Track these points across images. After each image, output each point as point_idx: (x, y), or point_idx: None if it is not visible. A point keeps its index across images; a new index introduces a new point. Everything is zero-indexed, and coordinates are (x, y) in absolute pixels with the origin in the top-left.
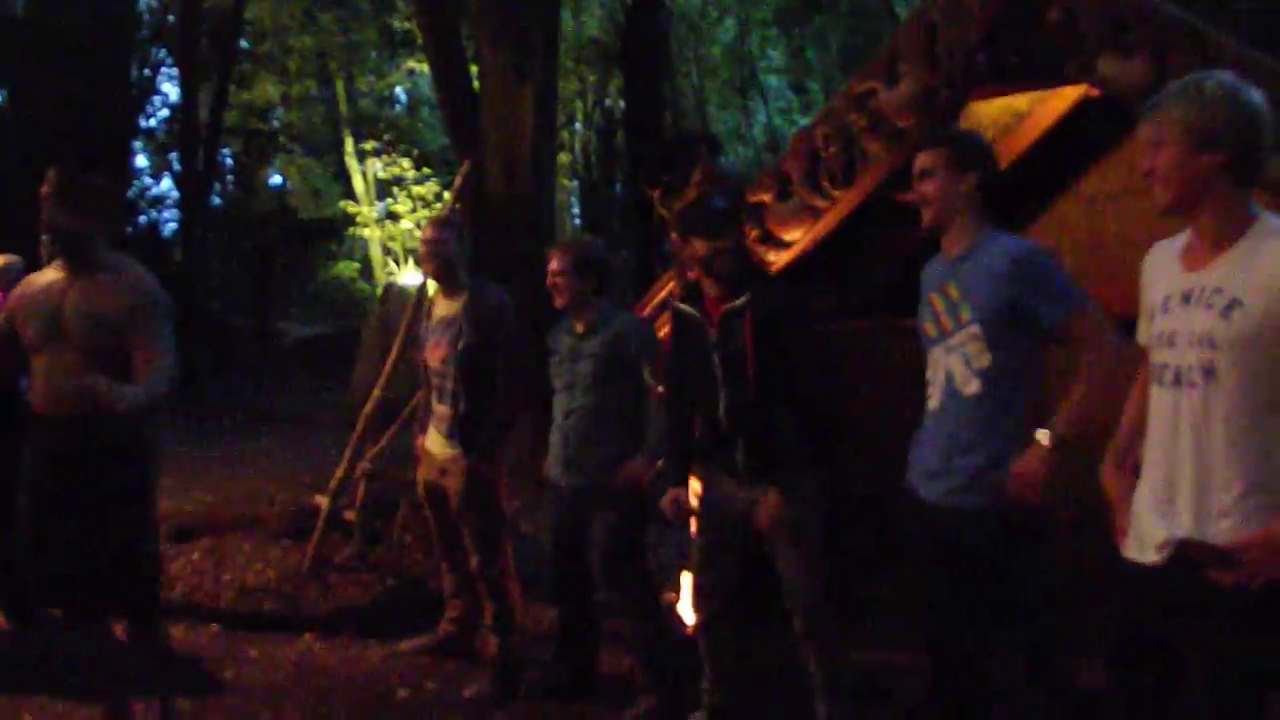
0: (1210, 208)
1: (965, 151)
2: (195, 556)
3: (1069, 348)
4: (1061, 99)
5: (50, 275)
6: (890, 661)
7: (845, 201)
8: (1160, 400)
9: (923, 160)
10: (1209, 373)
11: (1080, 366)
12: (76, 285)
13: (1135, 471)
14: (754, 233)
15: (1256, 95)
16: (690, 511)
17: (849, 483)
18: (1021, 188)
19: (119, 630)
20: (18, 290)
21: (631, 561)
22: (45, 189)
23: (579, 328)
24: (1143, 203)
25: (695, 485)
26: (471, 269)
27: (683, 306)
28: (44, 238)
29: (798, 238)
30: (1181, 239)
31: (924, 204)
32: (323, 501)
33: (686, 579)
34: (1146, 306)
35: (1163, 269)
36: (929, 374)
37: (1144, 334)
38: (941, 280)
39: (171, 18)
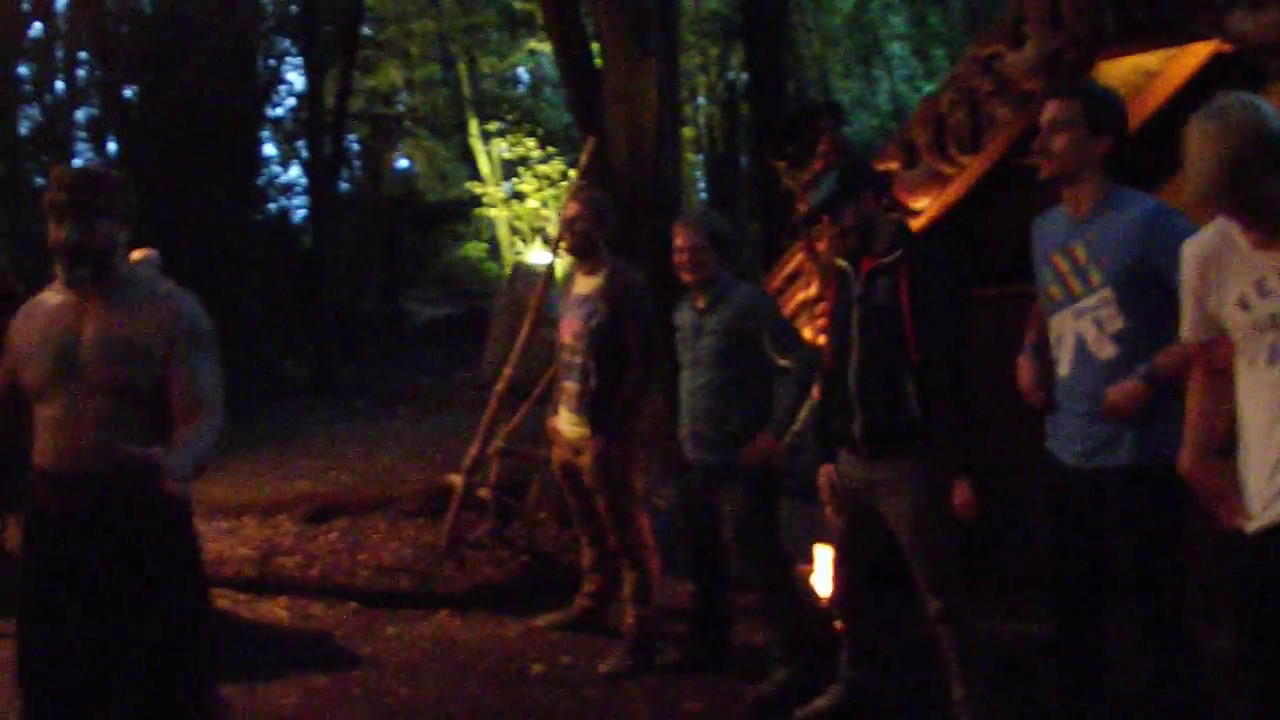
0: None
1: (1103, 110)
2: (332, 536)
3: None
4: (1192, 56)
5: (54, 299)
6: (1019, 633)
7: (973, 168)
8: (1265, 381)
9: (1056, 110)
10: None
11: None
12: (96, 308)
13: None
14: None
15: None
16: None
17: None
18: (1152, 148)
19: None
20: (17, 322)
21: (763, 535)
22: (59, 195)
23: (701, 303)
24: None
25: None
26: (610, 246)
27: (840, 261)
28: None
29: (926, 205)
30: (1213, 230)
31: (1048, 156)
32: (457, 480)
33: (820, 552)
34: (1211, 300)
35: (1226, 260)
36: (1054, 338)
37: (1194, 328)
38: (1065, 240)
39: (295, 8)
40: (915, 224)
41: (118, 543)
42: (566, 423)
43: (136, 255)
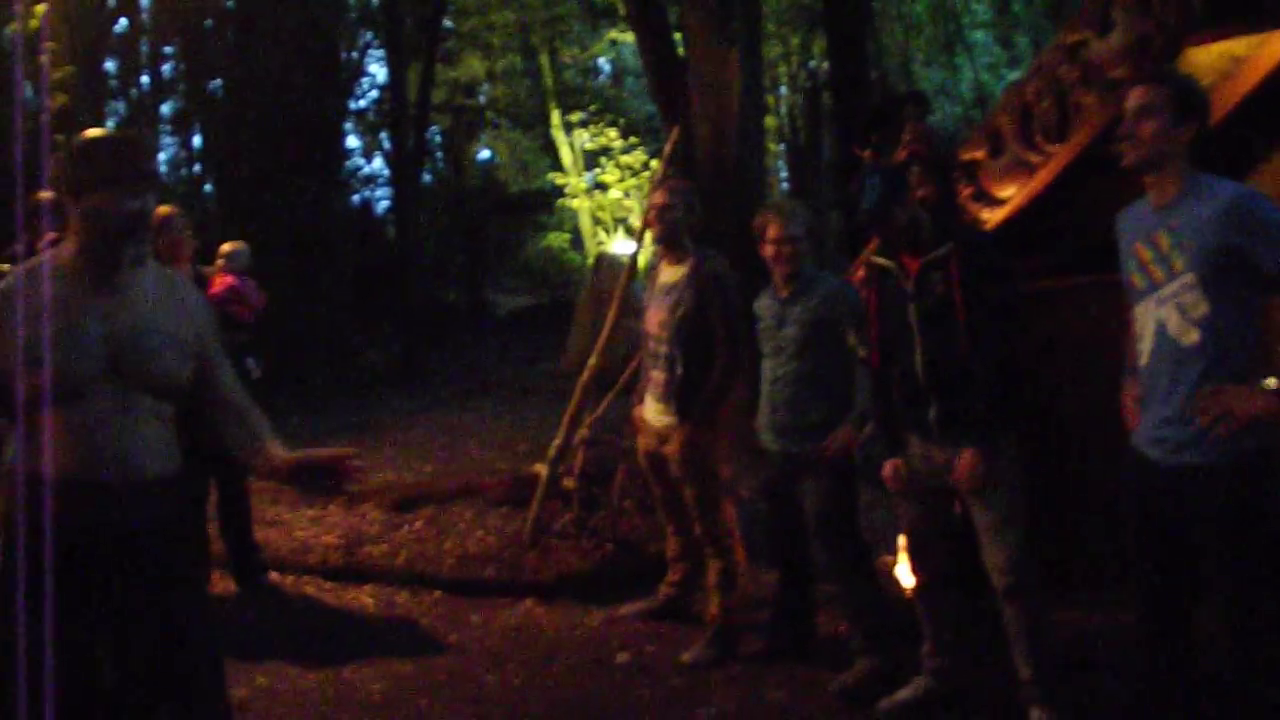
0: None
1: (1189, 97)
2: (418, 525)
3: None
4: None
5: (50, 284)
6: (1092, 627)
7: (1059, 156)
8: None
9: (1142, 97)
10: None
11: None
12: (119, 296)
13: None
14: (968, 190)
15: None
16: (909, 478)
17: (1053, 443)
18: (1241, 136)
19: None
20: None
21: (844, 525)
22: (148, 164)
23: (785, 293)
24: None
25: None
26: (696, 236)
27: (878, 259)
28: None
29: (1012, 194)
30: None
31: (1133, 143)
32: (541, 469)
33: (902, 542)
34: None
35: None
36: (1137, 327)
37: None
38: (1149, 229)
39: (377, 1)
40: (1001, 213)
41: (148, 554)
42: (653, 412)
43: (227, 248)
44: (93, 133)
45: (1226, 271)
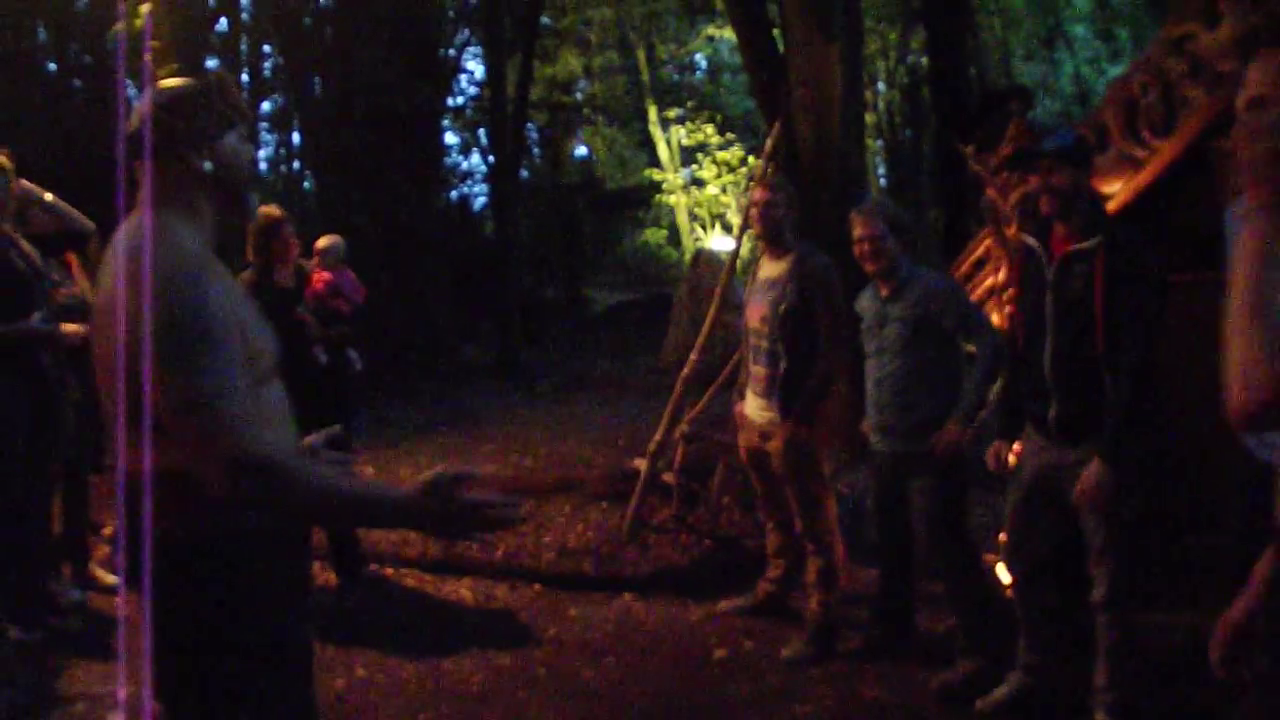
0: None
1: None
2: None
3: None
4: None
5: (218, 275)
6: (1196, 625)
7: (1166, 151)
8: None
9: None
10: None
11: None
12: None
13: None
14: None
15: None
16: (1009, 468)
17: (1162, 442)
18: None
19: None
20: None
21: (953, 526)
22: (190, 126)
23: (885, 291)
24: None
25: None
26: (798, 231)
27: (1029, 239)
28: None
29: (1117, 189)
30: None
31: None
32: (641, 464)
33: (1003, 537)
34: None
35: None
36: None
37: None
38: None
39: None
40: (1107, 208)
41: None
42: (754, 408)
43: (322, 243)
44: (182, 80)
45: None
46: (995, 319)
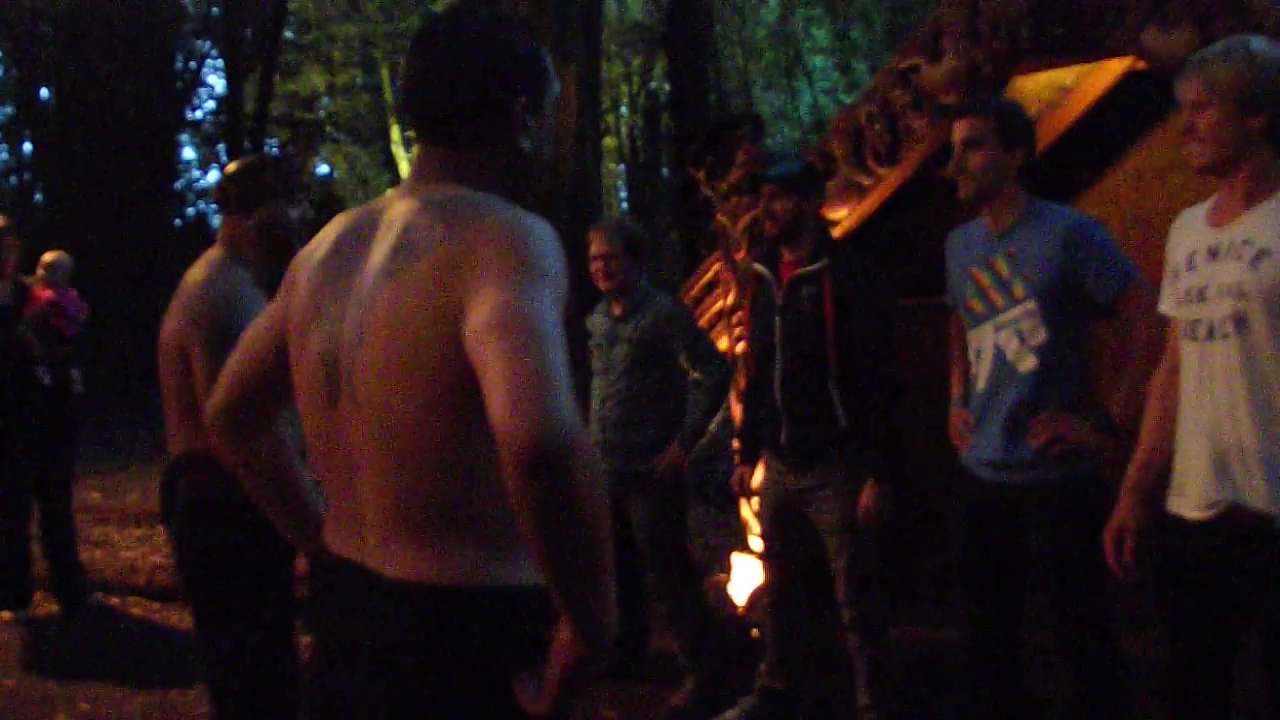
0: (1246, 168)
1: (1013, 124)
2: None
3: (1118, 322)
4: (1107, 72)
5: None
6: (935, 639)
7: (890, 179)
8: (1191, 355)
9: (968, 129)
10: (1240, 323)
11: (1134, 345)
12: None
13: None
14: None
15: None
16: (752, 492)
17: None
18: (1068, 162)
19: None
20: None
21: (672, 545)
22: (241, 191)
23: (617, 310)
24: (1190, 176)
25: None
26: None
27: (758, 267)
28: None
29: (843, 216)
30: (1205, 205)
31: (966, 176)
32: None
33: (737, 560)
34: (1170, 270)
35: (1188, 231)
36: (973, 352)
37: (1167, 301)
38: (985, 253)
39: (216, 10)
40: (833, 234)
41: None
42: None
43: (48, 258)
44: (251, 156)
45: (1064, 299)
46: (724, 343)
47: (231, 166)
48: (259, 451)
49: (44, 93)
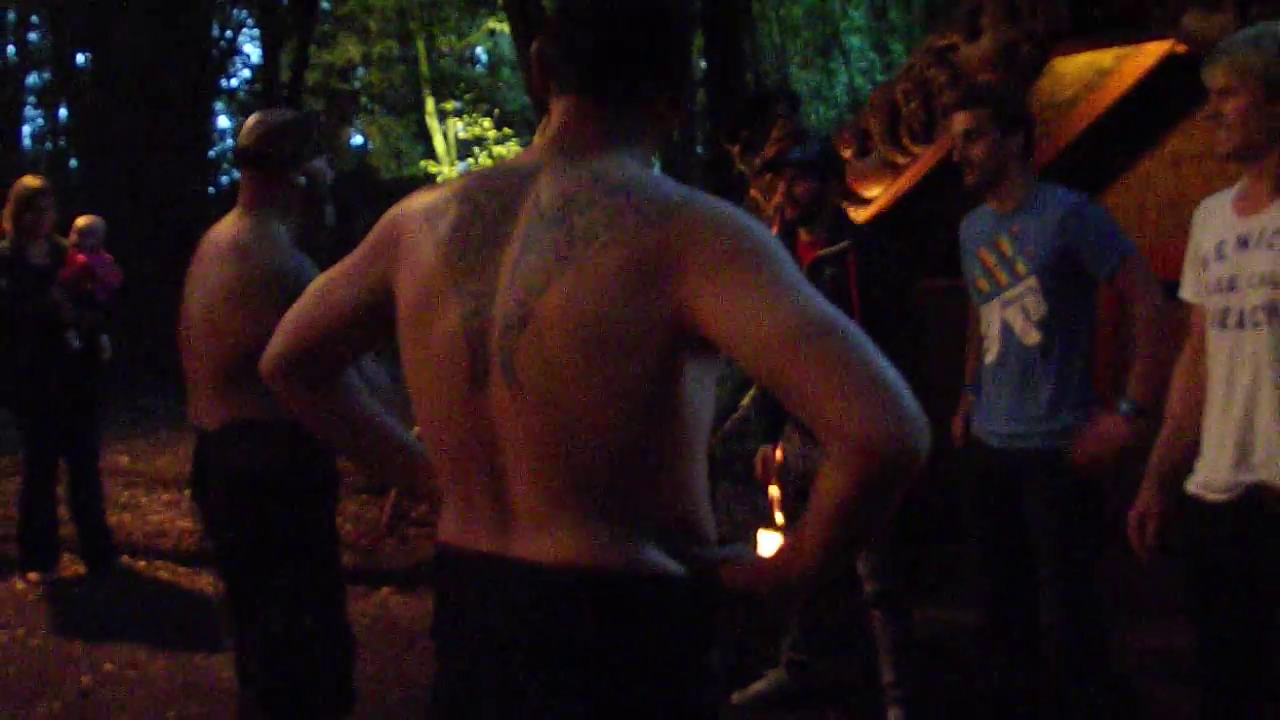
0: (1273, 155)
1: (1010, 109)
2: None
3: (1118, 297)
4: (1146, 55)
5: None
6: (953, 621)
7: (925, 158)
8: (1221, 344)
9: (967, 121)
10: (1272, 312)
11: (1135, 323)
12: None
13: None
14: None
15: None
16: (777, 469)
17: None
18: (1105, 146)
19: None
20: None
21: None
22: (292, 147)
23: None
24: (1227, 163)
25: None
26: None
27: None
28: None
29: (877, 194)
30: (1230, 192)
31: (971, 166)
32: None
33: (762, 536)
34: (1196, 258)
35: (1214, 219)
36: (984, 328)
37: (1190, 289)
38: (991, 234)
39: None
40: (866, 212)
41: None
42: None
43: (81, 223)
44: (288, 113)
45: (1064, 275)
46: None
47: (271, 122)
48: (328, 397)
49: (80, 59)
